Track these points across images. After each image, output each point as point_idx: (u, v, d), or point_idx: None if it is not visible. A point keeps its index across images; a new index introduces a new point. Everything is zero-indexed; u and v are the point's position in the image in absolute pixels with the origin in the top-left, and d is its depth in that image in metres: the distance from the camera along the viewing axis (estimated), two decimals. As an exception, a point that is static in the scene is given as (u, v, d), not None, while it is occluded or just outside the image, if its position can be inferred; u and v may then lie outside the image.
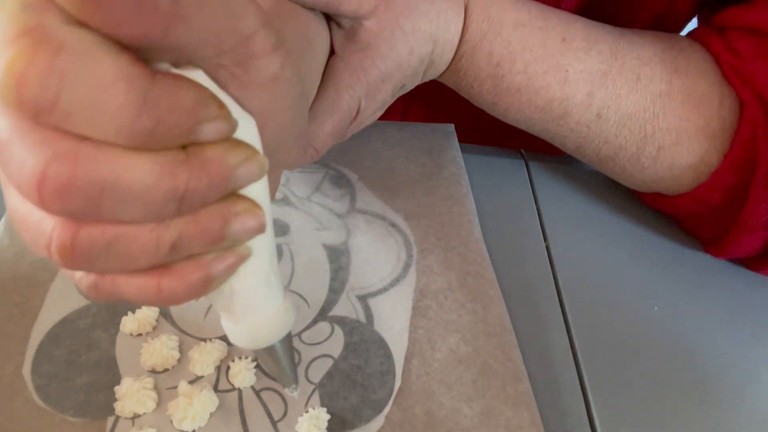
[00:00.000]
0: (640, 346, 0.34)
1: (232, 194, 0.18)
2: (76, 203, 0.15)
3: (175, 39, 0.15)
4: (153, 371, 0.29)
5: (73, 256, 0.17)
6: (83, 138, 0.15)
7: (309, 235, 0.36)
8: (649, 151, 0.37)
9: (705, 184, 0.36)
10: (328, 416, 0.27)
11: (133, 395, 0.27)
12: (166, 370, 0.29)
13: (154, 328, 0.30)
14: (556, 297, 0.36)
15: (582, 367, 0.33)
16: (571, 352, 0.33)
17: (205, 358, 0.29)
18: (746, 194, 0.35)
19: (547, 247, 0.40)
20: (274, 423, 0.27)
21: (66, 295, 0.31)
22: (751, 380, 0.33)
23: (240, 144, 0.18)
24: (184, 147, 0.16)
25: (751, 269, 0.40)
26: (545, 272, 0.38)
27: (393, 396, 0.29)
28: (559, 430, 0.30)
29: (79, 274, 0.18)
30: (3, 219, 0.34)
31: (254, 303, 0.22)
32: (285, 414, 0.28)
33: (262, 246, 0.21)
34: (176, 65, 0.17)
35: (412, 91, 0.37)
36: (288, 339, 0.24)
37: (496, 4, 0.35)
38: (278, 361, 0.25)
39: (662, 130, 0.36)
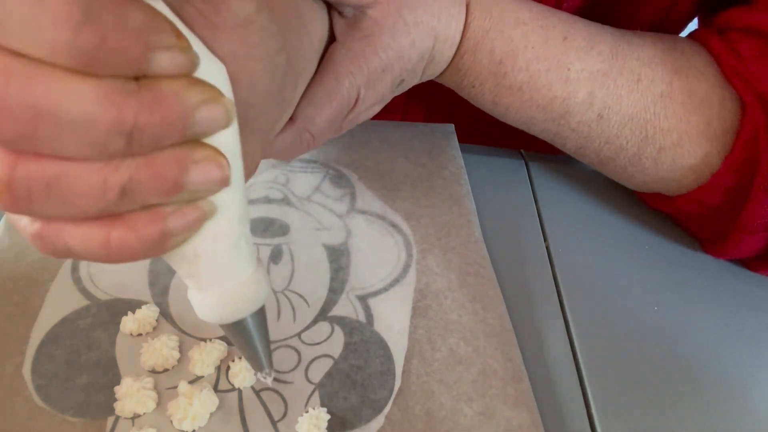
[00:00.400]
0: (639, 346, 0.34)
1: (194, 140, 0.17)
2: (7, 127, 0.14)
3: None
4: (153, 371, 0.29)
5: (10, 194, 0.15)
6: (17, 54, 0.14)
7: (309, 235, 0.36)
8: (650, 152, 0.37)
9: (705, 185, 0.36)
10: (328, 416, 0.27)
11: (133, 395, 0.27)
12: (166, 370, 0.29)
13: (154, 328, 0.30)
14: (556, 297, 0.36)
15: (582, 367, 0.33)
16: (571, 352, 0.33)
17: (205, 358, 0.29)
18: (747, 196, 0.35)
19: (547, 247, 0.40)
20: (274, 423, 0.27)
21: (66, 295, 0.31)
22: (751, 380, 0.33)
23: (201, 83, 0.16)
24: (137, 79, 0.15)
25: (751, 269, 0.40)
26: (545, 272, 0.38)
27: (393, 396, 0.29)
28: (559, 430, 0.30)
29: (24, 221, 0.17)
30: (3, 219, 0.34)
31: (221, 269, 0.20)
32: (285, 414, 0.28)
33: (229, 204, 0.19)
34: None
35: (411, 91, 0.37)
36: (261, 315, 0.22)
37: (498, 2, 0.35)
38: (249, 340, 0.22)
39: (663, 131, 0.36)
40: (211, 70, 0.17)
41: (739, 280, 0.39)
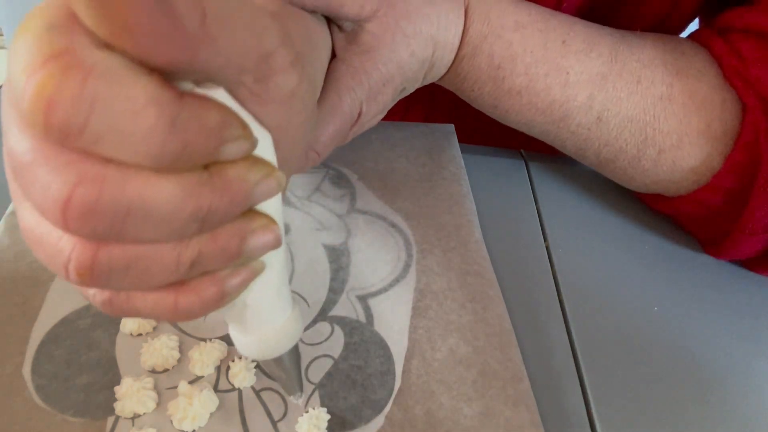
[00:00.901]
0: (640, 346, 0.34)
1: (249, 210, 0.18)
2: (101, 225, 0.15)
3: (202, 61, 0.15)
4: (153, 371, 0.29)
5: (92, 276, 0.16)
6: (108, 160, 0.15)
7: (309, 235, 0.36)
8: (650, 154, 0.37)
9: (706, 186, 0.36)
10: (328, 416, 0.27)
11: (133, 395, 0.27)
12: (166, 370, 0.29)
13: (154, 328, 0.30)
14: (556, 297, 0.36)
15: (582, 367, 0.33)
16: (571, 352, 0.33)
17: (205, 358, 0.29)
18: (747, 197, 0.34)
19: (547, 247, 0.40)
20: (274, 423, 0.27)
21: (66, 295, 0.31)
22: (751, 380, 0.33)
23: (259, 161, 0.18)
24: (205, 166, 0.16)
25: (751, 270, 0.40)
26: (545, 272, 0.38)
27: (393, 396, 0.29)
28: (559, 430, 0.30)
29: (92, 291, 0.18)
30: (3, 219, 0.34)
31: (265, 315, 0.22)
32: (285, 414, 0.28)
33: (274, 259, 0.21)
34: (198, 83, 0.17)
35: (412, 93, 0.37)
36: (295, 348, 0.25)
37: (496, 6, 0.35)
38: (285, 370, 0.25)
39: (663, 132, 0.36)
40: (262, 142, 0.19)
41: (739, 280, 0.39)
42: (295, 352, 0.25)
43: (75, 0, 0.13)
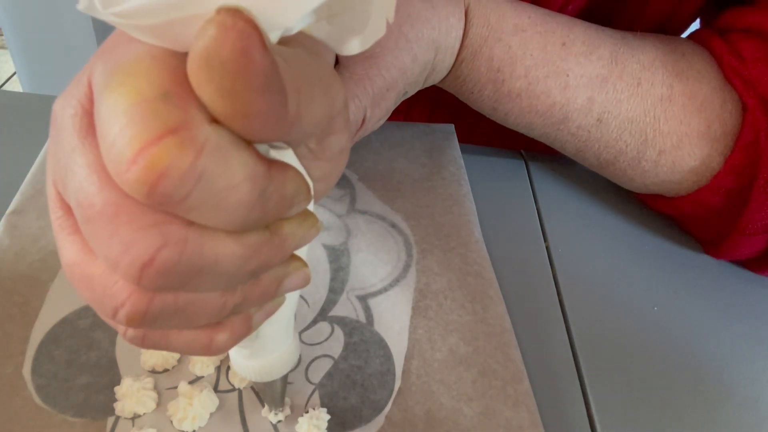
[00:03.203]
0: (639, 346, 0.34)
1: None
2: (172, 283, 0.16)
3: (290, 135, 0.16)
4: (153, 371, 0.29)
5: (141, 322, 0.17)
6: (191, 223, 0.15)
7: (309, 235, 0.36)
8: (650, 155, 0.37)
9: (706, 186, 0.36)
10: (328, 416, 0.27)
11: (133, 395, 0.27)
12: (166, 370, 0.29)
13: (154, 328, 0.30)
14: (556, 297, 0.36)
15: (582, 367, 0.33)
16: (571, 352, 0.33)
17: (205, 358, 0.29)
18: (747, 198, 0.34)
19: (547, 247, 0.40)
20: (274, 423, 0.27)
21: (66, 295, 0.31)
22: (751, 380, 0.33)
23: (309, 215, 0.18)
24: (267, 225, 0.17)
25: (750, 270, 0.40)
26: (545, 272, 0.38)
27: (393, 396, 0.29)
28: (559, 430, 0.30)
29: (124, 327, 0.18)
30: (2, 219, 0.34)
31: (272, 344, 0.23)
32: (286, 415, 0.28)
33: (291, 294, 0.21)
34: (272, 145, 0.17)
35: (414, 94, 0.37)
36: (287, 373, 0.25)
37: (496, 9, 0.35)
38: (274, 391, 0.26)
39: (663, 134, 0.36)
40: None
41: (739, 280, 0.39)
42: (286, 375, 0.26)
43: (203, 83, 0.13)
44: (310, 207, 0.20)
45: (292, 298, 0.22)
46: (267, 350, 0.23)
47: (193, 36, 0.13)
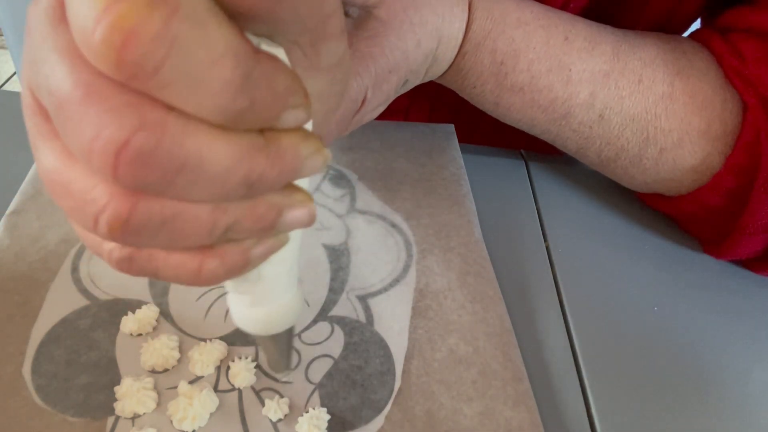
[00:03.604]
0: (639, 346, 0.34)
1: (289, 184, 0.18)
2: (152, 177, 0.14)
3: (280, 12, 0.15)
4: (153, 371, 0.29)
5: (124, 231, 0.15)
6: (171, 108, 0.14)
7: (309, 235, 0.36)
8: (651, 153, 0.37)
9: (706, 186, 0.36)
10: (328, 416, 0.27)
11: (133, 395, 0.27)
12: (166, 370, 0.29)
13: (154, 328, 0.30)
14: (556, 297, 0.36)
15: (582, 367, 0.33)
16: (571, 352, 0.33)
17: (205, 358, 0.29)
18: (747, 197, 0.34)
19: (547, 247, 0.40)
20: (274, 423, 0.27)
21: (66, 295, 0.31)
22: (751, 380, 0.33)
23: (310, 136, 0.17)
24: (260, 130, 0.16)
25: (750, 270, 0.40)
26: (545, 272, 0.38)
27: (393, 396, 0.29)
28: (559, 430, 0.30)
29: (109, 246, 0.17)
30: (2, 219, 0.34)
31: (275, 290, 0.22)
32: (285, 414, 0.28)
33: (295, 235, 0.20)
34: (258, 38, 0.16)
35: (414, 91, 0.37)
36: (292, 327, 0.24)
37: (500, 3, 0.35)
38: (279, 347, 0.24)
39: (664, 131, 0.36)
40: None
41: (739, 280, 0.39)
42: (291, 329, 0.24)
43: None
44: (308, 125, 0.18)
45: (295, 240, 0.20)
46: (271, 297, 0.22)
47: None
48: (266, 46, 0.16)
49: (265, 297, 0.22)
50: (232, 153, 0.15)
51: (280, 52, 0.17)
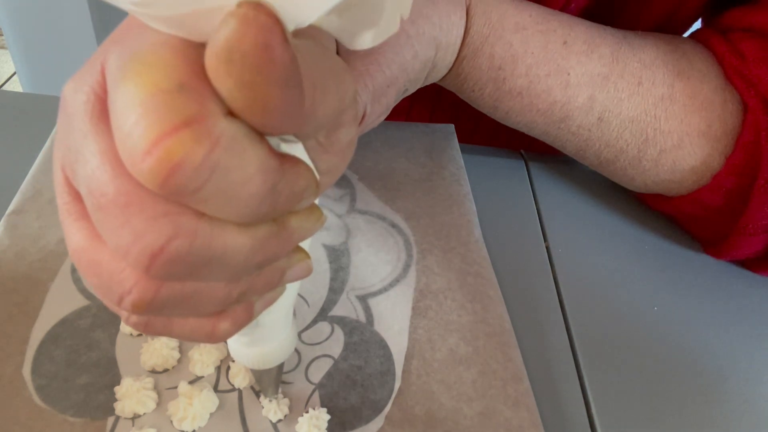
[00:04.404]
0: (639, 346, 0.34)
1: None
2: (181, 273, 0.16)
3: (304, 129, 0.16)
4: (153, 371, 0.29)
5: (147, 310, 0.17)
6: (202, 214, 0.15)
7: (309, 235, 0.36)
8: (651, 154, 0.37)
9: (706, 186, 0.36)
10: (328, 416, 0.27)
11: (133, 395, 0.27)
12: (166, 370, 0.29)
13: (154, 328, 0.30)
14: (556, 297, 0.36)
15: (582, 367, 0.33)
16: (571, 352, 0.33)
17: (205, 358, 0.29)
18: (747, 197, 0.34)
19: (547, 247, 0.40)
20: (274, 423, 0.27)
21: (66, 295, 0.31)
22: (751, 380, 0.33)
23: (315, 209, 0.18)
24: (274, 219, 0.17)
25: (750, 270, 0.40)
26: (545, 272, 0.38)
27: (393, 396, 0.29)
28: (559, 430, 0.30)
29: (127, 313, 0.18)
30: (2, 219, 0.34)
31: (272, 333, 0.23)
32: (285, 414, 0.28)
33: (293, 284, 0.21)
34: (282, 138, 0.17)
35: (415, 93, 0.37)
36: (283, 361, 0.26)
37: (498, 7, 0.35)
38: (270, 378, 0.26)
39: (664, 133, 0.36)
40: None
41: (739, 280, 0.39)
42: (283, 363, 0.26)
43: (222, 75, 0.13)
44: (316, 201, 0.20)
45: (291, 289, 0.22)
46: (266, 339, 0.24)
47: (212, 28, 0.13)
48: (285, 146, 0.17)
49: (260, 339, 0.24)
50: (252, 244, 0.16)
51: (298, 147, 0.18)
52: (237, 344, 0.24)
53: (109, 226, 0.16)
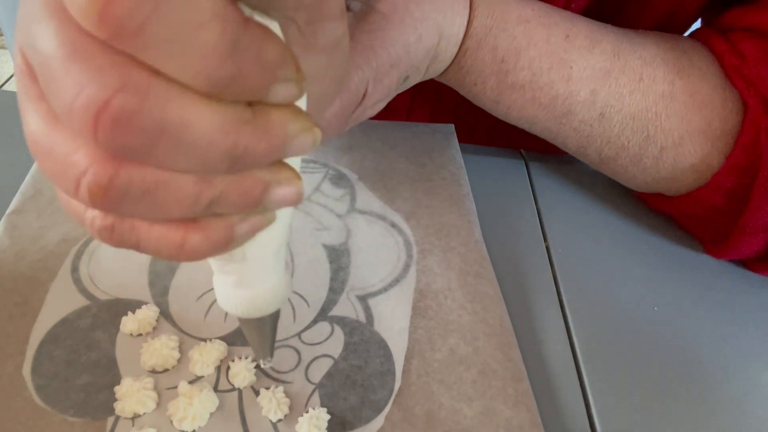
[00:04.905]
0: (639, 346, 0.34)
1: (278, 161, 0.17)
2: (132, 141, 0.14)
3: None
4: (153, 371, 0.29)
5: (105, 197, 0.15)
6: (155, 72, 0.14)
7: (309, 235, 0.36)
8: (651, 152, 0.37)
9: (706, 185, 0.36)
10: (328, 416, 0.27)
11: (133, 395, 0.27)
12: (166, 370, 0.29)
13: (154, 329, 0.30)
14: (556, 297, 0.36)
15: (582, 367, 0.33)
16: (571, 352, 0.33)
17: (205, 358, 0.29)
18: (747, 197, 0.34)
19: (547, 247, 0.40)
20: (274, 423, 0.27)
21: (66, 295, 0.31)
22: (751, 380, 0.33)
23: (302, 113, 0.17)
24: (249, 104, 0.15)
25: (750, 270, 0.40)
26: (545, 272, 0.38)
27: (393, 396, 0.29)
28: (559, 430, 0.30)
29: (91, 214, 0.17)
30: (2, 219, 0.34)
31: (261, 272, 0.21)
32: (285, 414, 0.28)
33: (283, 215, 0.20)
34: (253, 9, 0.16)
35: (416, 90, 0.37)
36: (277, 312, 0.24)
37: (501, 0, 0.35)
38: (263, 333, 0.24)
39: (664, 130, 0.36)
40: None
41: (739, 280, 0.39)
42: (276, 315, 0.24)
43: None
44: (302, 103, 0.18)
45: (283, 221, 0.20)
46: (255, 278, 0.21)
47: None
48: (259, 18, 0.16)
49: (250, 278, 0.21)
50: (217, 123, 0.15)
51: (274, 26, 0.16)
52: (224, 285, 0.22)
53: (53, 84, 0.14)
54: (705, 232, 0.40)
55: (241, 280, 0.21)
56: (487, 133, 0.48)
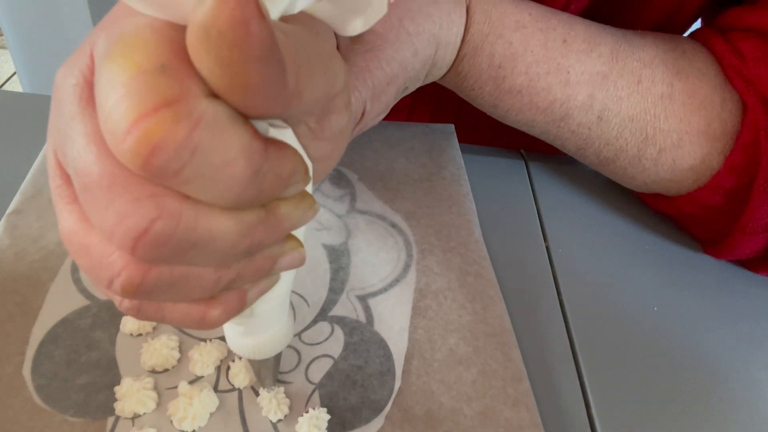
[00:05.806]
0: (639, 346, 0.34)
1: None
2: (166, 255, 0.16)
3: (289, 111, 0.16)
4: (153, 371, 0.29)
5: (136, 293, 0.17)
6: (186, 197, 0.15)
7: (309, 235, 0.36)
8: (650, 153, 0.37)
9: (706, 185, 0.36)
10: (328, 416, 0.27)
11: (133, 395, 0.27)
12: (166, 370, 0.29)
13: (154, 328, 0.30)
14: (556, 297, 0.36)
15: (582, 367, 0.33)
16: (571, 352, 0.33)
17: (205, 358, 0.29)
18: (747, 197, 0.34)
19: (547, 247, 0.40)
20: (274, 423, 0.27)
21: (66, 295, 0.31)
22: (751, 380, 0.33)
23: (306, 197, 0.18)
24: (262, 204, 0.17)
25: (750, 270, 0.40)
26: (545, 272, 0.38)
27: (393, 396, 0.29)
28: (559, 430, 0.30)
29: (119, 297, 0.19)
30: (2, 219, 0.34)
31: (268, 322, 0.23)
32: (285, 414, 0.28)
33: (289, 274, 0.21)
34: (271, 123, 0.17)
35: (417, 91, 0.37)
36: (280, 353, 0.26)
37: (498, 6, 0.35)
38: (267, 368, 0.26)
39: (663, 131, 0.36)
40: None
41: (739, 280, 0.39)
42: (279, 355, 0.26)
43: (201, 54, 0.13)
44: (309, 189, 0.20)
45: (287, 278, 0.22)
46: (261, 328, 0.24)
47: (192, 8, 0.13)
48: (274, 131, 0.17)
49: (256, 329, 0.24)
50: (238, 229, 0.16)
51: (287, 133, 0.18)
52: (233, 333, 0.24)
53: (95, 207, 0.16)
54: (705, 232, 0.40)
55: (248, 331, 0.24)
56: (488, 133, 0.48)
